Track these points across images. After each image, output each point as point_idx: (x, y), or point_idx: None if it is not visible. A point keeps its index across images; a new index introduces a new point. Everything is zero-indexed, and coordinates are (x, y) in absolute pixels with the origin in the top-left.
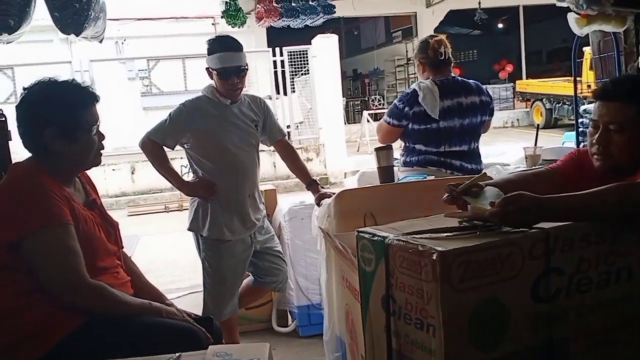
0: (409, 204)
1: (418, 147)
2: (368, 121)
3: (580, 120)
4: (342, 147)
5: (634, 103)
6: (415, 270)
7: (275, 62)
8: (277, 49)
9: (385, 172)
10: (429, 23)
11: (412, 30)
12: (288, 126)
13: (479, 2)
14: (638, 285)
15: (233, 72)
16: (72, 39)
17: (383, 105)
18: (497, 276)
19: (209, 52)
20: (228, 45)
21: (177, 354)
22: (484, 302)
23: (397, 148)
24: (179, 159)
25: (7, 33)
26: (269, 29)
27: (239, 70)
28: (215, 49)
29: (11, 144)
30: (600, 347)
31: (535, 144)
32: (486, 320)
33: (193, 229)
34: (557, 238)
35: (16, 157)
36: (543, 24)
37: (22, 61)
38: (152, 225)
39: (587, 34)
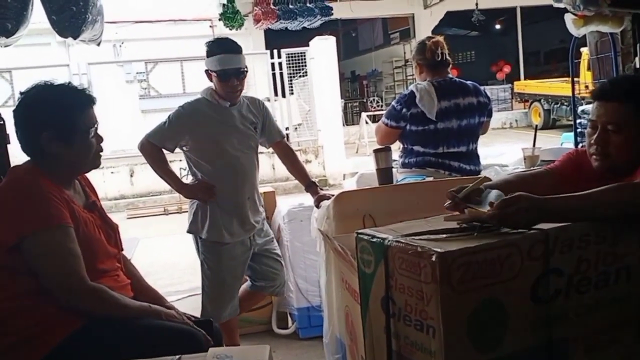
0: (408, 205)
1: (416, 148)
2: (367, 123)
3: (578, 120)
4: (341, 149)
5: (631, 103)
6: (415, 271)
7: (273, 65)
8: (275, 51)
9: (384, 173)
10: (426, 24)
11: (409, 31)
12: (287, 128)
13: (477, 4)
14: (637, 285)
15: (233, 74)
16: (69, 42)
17: (381, 106)
18: (496, 277)
19: (208, 55)
20: (227, 47)
21: (177, 356)
22: (483, 303)
23: (396, 150)
24: (178, 161)
25: (5, 36)
26: (267, 31)
27: (239, 72)
28: (215, 51)
29: (10, 148)
30: (600, 347)
31: (534, 145)
32: (486, 321)
33: (192, 231)
34: (556, 239)
35: (15, 161)
36: (540, 24)
37: (20, 64)
38: (152, 228)
39: (585, 34)
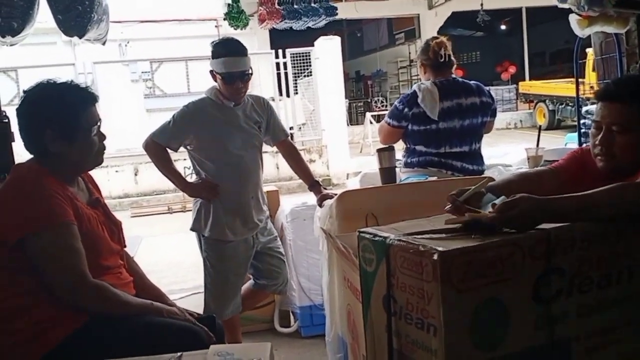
0: (410, 204)
1: (418, 148)
2: (371, 123)
3: (582, 121)
4: (345, 148)
5: (636, 104)
6: (416, 270)
7: (278, 64)
8: (279, 51)
9: (387, 173)
10: (431, 25)
11: (414, 32)
12: (291, 128)
13: (482, 4)
14: (639, 285)
15: (238, 77)
16: (75, 41)
17: (386, 106)
18: (498, 276)
19: (213, 56)
20: (233, 49)
21: (179, 353)
22: (484, 302)
23: (399, 149)
24: (182, 160)
25: (11, 35)
26: (272, 30)
27: (244, 75)
28: (220, 52)
29: (15, 146)
30: (602, 347)
31: (537, 145)
32: (487, 320)
33: (195, 229)
34: (558, 238)
35: (19, 159)
36: (546, 25)
37: (25, 63)
38: (155, 226)
39: (590, 35)
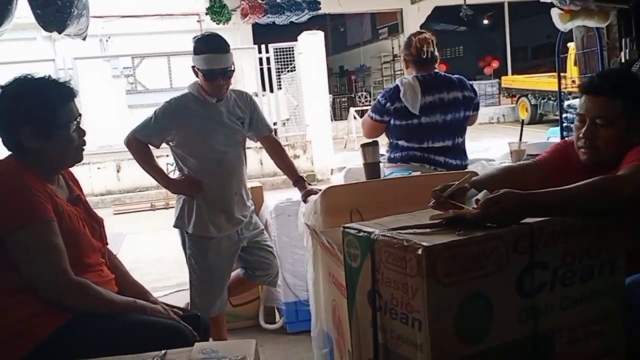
0: (394, 199)
1: (401, 143)
2: (355, 118)
3: (564, 115)
4: (329, 144)
5: (620, 97)
6: (401, 265)
7: (261, 59)
8: (262, 46)
9: (371, 168)
10: (414, 19)
11: (398, 26)
12: (275, 123)
13: None
14: (621, 278)
15: (219, 74)
16: (55, 36)
17: (369, 101)
18: (482, 270)
19: (195, 52)
20: (215, 46)
21: (163, 351)
22: (469, 296)
23: (384, 145)
24: (165, 156)
25: None
26: (255, 25)
27: (225, 71)
28: (202, 49)
29: None
30: (584, 339)
31: (520, 139)
32: (471, 314)
33: (179, 226)
34: (541, 232)
35: None
36: (528, 20)
37: (4, 59)
38: (138, 223)
39: (571, 29)
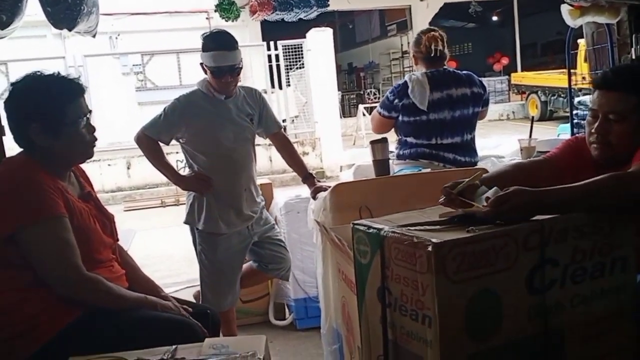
0: (404, 196)
1: (409, 140)
2: (364, 115)
3: (574, 112)
4: (338, 140)
5: (634, 93)
6: (411, 262)
7: (269, 56)
8: (271, 43)
9: (381, 165)
10: (423, 16)
11: (406, 23)
12: (284, 120)
13: None
14: (632, 275)
15: (227, 71)
16: (65, 34)
17: (378, 98)
18: (492, 267)
19: (203, 49)
20: (223, 43)
21: (174, 346)
22: (479, 293)
23: (393, 142)
24: (175, 153)
25: (0, 28)
26: (263, 22)
27: (233, 69)
28: (210, 46)
29: (5, 140)
30: (595, 337)
31: (530, 136)
32: (481, 311)
33: (189, 222)
34: (551, 229)
35: (10, 153)
36: (537, 16)
37: (15, 57)
38: (149, 220)
39: (581, 26)
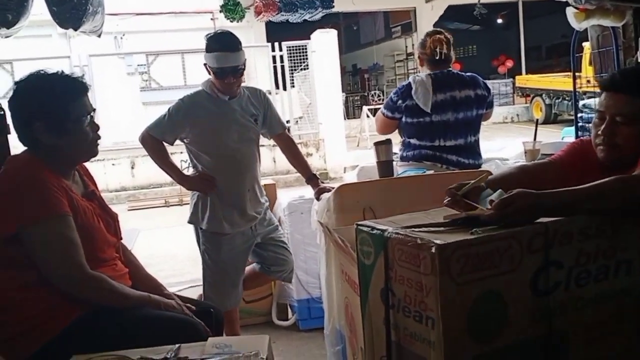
0: (408, 198)
1: (413, 141)
2: (368, 116)
3: (579, 115)
4: (342, 142)
5: None
6: (414, 263)
7: (274, 57)
8: (276, 44)
9: (385, 166)
10: (428, 18)
11: (411, 25)
12: (288, 121)
13: None
14: (637, 278)
15: (230, 73)
16: (70, 33)
17: (382, 100)
18: (496, 269)
19: (207, 49)
20: (225, 44)
21: (177, 345)
22: (483, 294)
23: (397, 143)
24: (179, 153)
25: (6, 27)
26: (268, 23)
27: (236, 70)
28: (213, 47)
29: (11, 138)
30: (599, 340)
31: (535, 139)
32: (485, 313)
33: (193, 221)
34: (556, 232)
35: (15, 151)
36: (542, 19)
37: (20, 56)
38: (153, 219)
39: (587, 29)
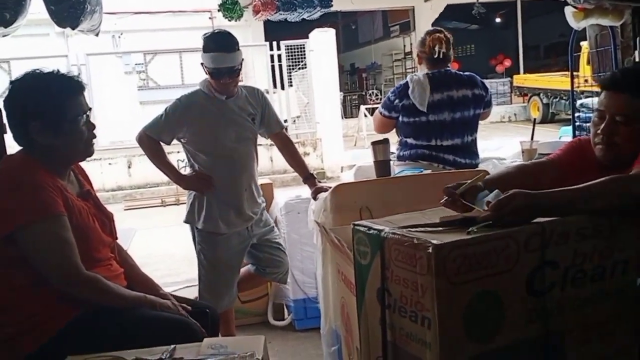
0: (405, 197)
1: (410, 141)
2: (365, 116)
3: (577, 114)
4: (339, 141)
5: None
6: (411, 263)
7: (272, 56)
8: (274, 43)
9: (382, 166)
10: (426, 17)
11: (409, 24)
12: (285, 120)
13: None
14: (633, 279)
15: (225, 73)
16: (68, 32)
17: (380, 99)
18: (492, 269)
19: (203, 49)
20: (222, 45)
21: (172, 346)
22: (479, 295)
23: (394, 143)
24: (176, 152)
25: (3, 26)
26: (266, 22)
27: (232, 70)
28: (210, 47)
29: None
30: (595, 340)
31: (532, 138)
32: (481, 313)
33: (189, 221)
34: (552, 231)
35: (11, 151)
36: (541, 18)
37: (18, 55)
38: (149, 219)
39: (585, 28)
